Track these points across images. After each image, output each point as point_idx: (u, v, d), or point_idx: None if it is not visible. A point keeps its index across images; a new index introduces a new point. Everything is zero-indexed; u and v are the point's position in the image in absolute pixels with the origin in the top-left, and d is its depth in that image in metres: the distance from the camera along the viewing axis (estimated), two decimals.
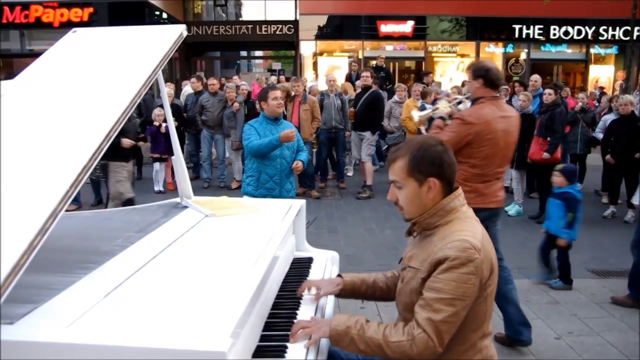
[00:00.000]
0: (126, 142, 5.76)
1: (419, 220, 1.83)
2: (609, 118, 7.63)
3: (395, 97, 9.20)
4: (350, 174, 9.93)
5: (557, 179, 4.79)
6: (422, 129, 4.45)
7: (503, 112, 3.41)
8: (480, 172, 3.36)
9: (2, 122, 1.90)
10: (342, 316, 1.80)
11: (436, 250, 1.73)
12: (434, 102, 3.67)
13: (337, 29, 18.94)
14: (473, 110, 3.41)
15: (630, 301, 4.35)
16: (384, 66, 13.39)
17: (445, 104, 3.73)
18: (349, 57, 14.17)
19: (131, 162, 6.11)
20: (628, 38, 14.50)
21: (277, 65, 21.48)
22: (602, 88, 14.23)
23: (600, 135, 7.76)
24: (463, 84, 14.15)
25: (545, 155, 6.72)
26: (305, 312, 2.03)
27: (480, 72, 3.39)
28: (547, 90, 7.06)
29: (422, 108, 8.12)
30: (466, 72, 3.54)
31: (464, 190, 1.86)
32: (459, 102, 3.82)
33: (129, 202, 5.62)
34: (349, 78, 12.25)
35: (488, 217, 3.29)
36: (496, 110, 3.37)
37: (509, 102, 9.75)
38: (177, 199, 2.91)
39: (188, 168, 3.93)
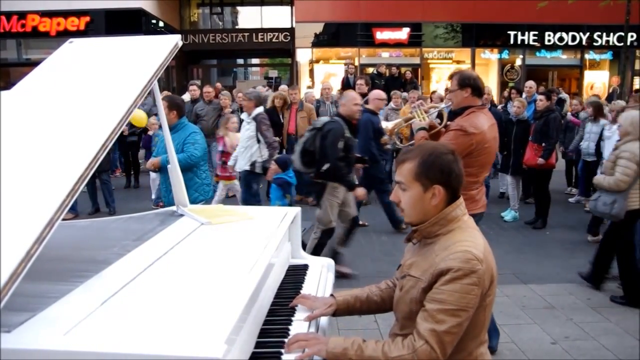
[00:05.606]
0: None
1: (420, 228, 1.82)
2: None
3: (392, 104, 9.24)
4: None
5: (272, 167, 5.98)
6: (397, 140, 4.31)
7: (491, 120, 3.47)
8: (475, 180, 3.41)
9: None
10: (338, 338, 1.77)
11: (438, 260, 1.71)
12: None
13: (333, 36, 19.00)
14: (469, 120, 3.36)
15: None
16: (383, 74, 13.45)
17: (422, 114, 3.61)
18: (345, 64, 14.28)
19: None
20: (622, 44, 14.60)
21: (273, 73, 21.51)
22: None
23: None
24: None
25: (540, 160, 6.76)
26: (300, 320, 2.03)
27: (469, 81, 3.42)
28: (539, 97, 7.11)
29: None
30: (449, 81, 3.48)
31: None
32: (439, 113, 3.70)
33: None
34: (345, 82, 12.28)
35: (477, 221, 3.35)
36: (487, 118, 3.44)
37: (504, 108, 9.83)
38: (173, 208, 2.93)
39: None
